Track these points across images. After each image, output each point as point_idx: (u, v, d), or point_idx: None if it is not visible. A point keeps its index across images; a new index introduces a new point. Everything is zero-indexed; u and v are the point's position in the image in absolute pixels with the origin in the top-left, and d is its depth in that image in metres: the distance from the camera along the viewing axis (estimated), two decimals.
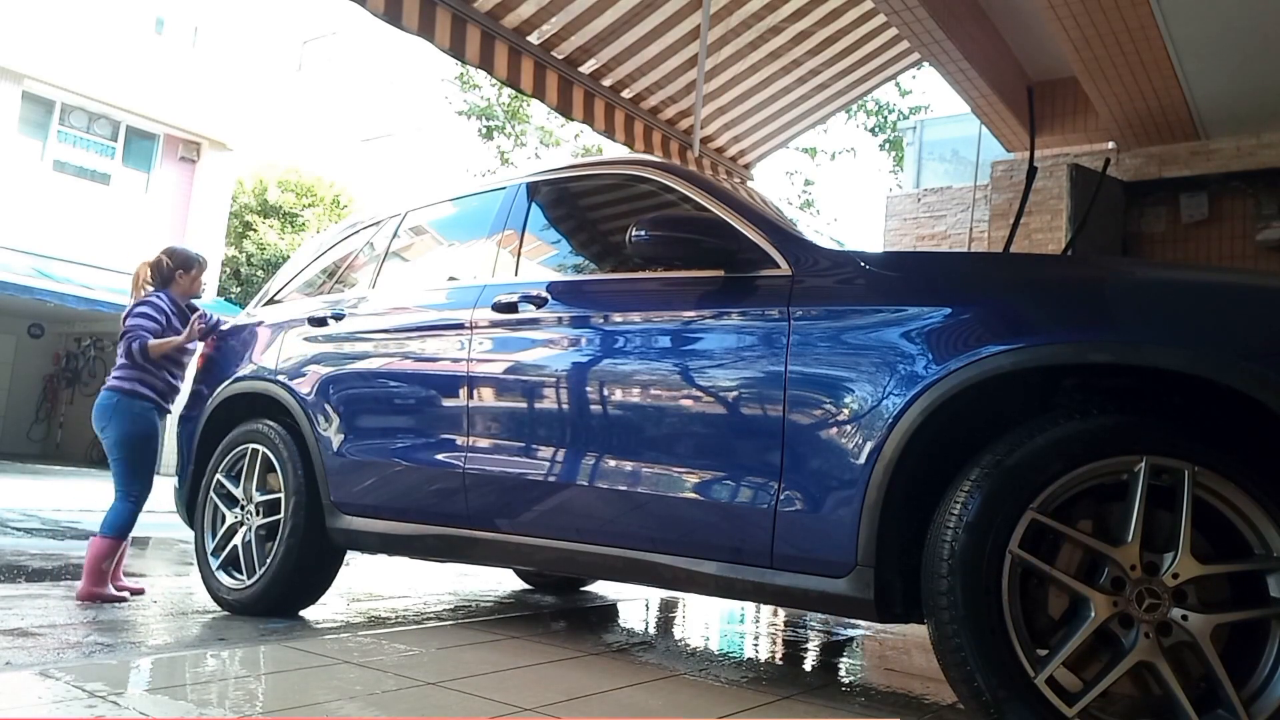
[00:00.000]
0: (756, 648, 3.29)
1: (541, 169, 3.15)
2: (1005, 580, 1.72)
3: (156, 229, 14.68)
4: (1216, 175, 6.40)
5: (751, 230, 2.37)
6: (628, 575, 2.43)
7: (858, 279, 2.18)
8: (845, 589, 1.97)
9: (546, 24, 5.76)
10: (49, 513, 6.83)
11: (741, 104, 7.25)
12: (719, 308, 2.33)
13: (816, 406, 2.07)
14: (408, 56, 30.81)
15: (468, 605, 3.81)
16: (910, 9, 5.15)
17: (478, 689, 2.17)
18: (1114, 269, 2.22)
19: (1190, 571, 1.66)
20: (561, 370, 2.62)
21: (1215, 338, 1.74)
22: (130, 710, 1.87)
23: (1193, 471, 1.68)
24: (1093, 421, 1.76)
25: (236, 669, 2.30)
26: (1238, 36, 5.03)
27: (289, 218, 19.80)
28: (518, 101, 15.58)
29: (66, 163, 14.09)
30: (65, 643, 2.71)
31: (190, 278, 3.96)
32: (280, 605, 3.21)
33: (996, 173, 7.40)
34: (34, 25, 13.26)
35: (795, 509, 2.06)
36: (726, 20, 6.26)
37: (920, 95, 23.90)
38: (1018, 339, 1.86)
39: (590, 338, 2.59)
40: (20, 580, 3.87)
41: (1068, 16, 4.83)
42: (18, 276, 12.00)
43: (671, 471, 2.30)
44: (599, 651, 2.78)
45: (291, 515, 3.16)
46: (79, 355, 15.86)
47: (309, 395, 3.25)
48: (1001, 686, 1.67)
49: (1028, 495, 1.73)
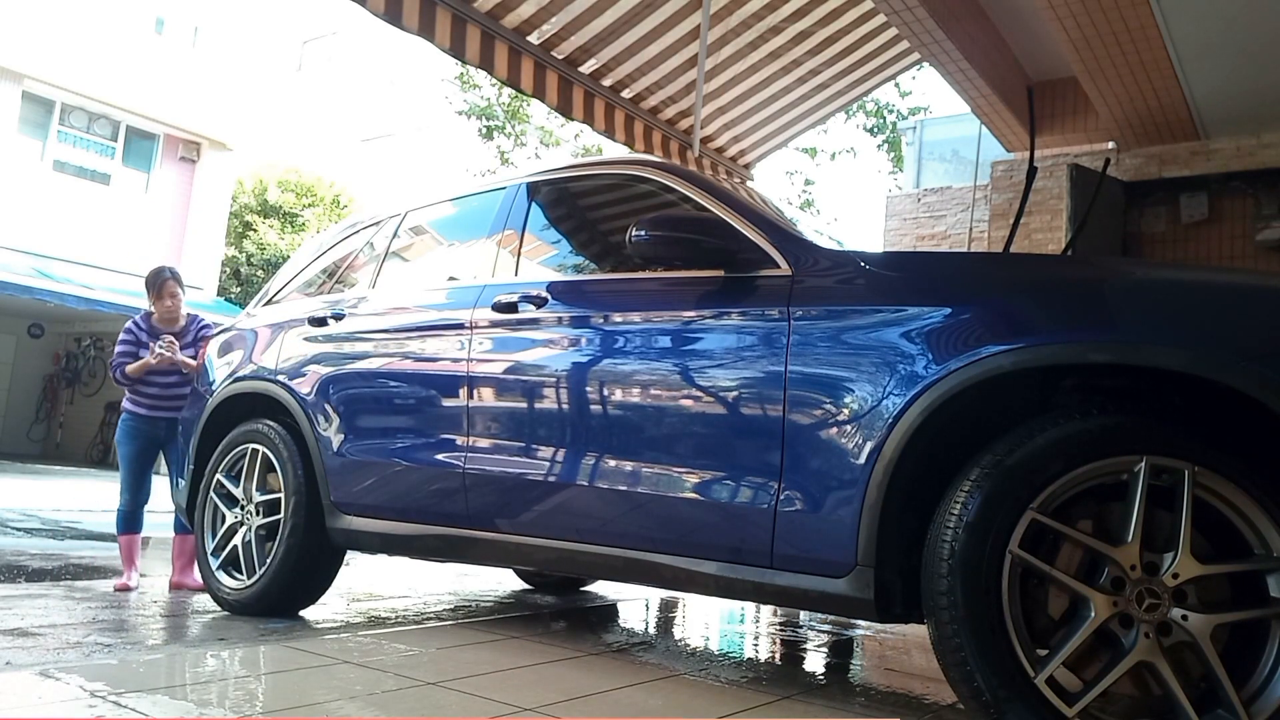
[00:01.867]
0: (756, 648, 3.29)
1: (541, 169, 3.15)
2: (1005, 580, 1.72)
3: (156, 229, 14.70)
4: (1216, 175, 6.39)
5: (751, 230, 2.37)
6: (628, 575, 2.43)
7: (858, 279, 2.18)
8: (845, 589, 1.97)
9: (546, 24, 5.76)
10: (49, 513, 6.83)
11: (741, 104, 7.25)
12: (719, 308, 2.33)
13: (816, 406, 2.07)
14: (408, 56, 30.78)
15: (468, 605, 3.81)
16: (910, 9, 5.14)
17: (478, 689, 2.17)
18: (1114, 269, 2.22)
19: (1190, 571, 1.66)
20: (561, 370, 2.62)
21: (1215, 338, 1.74)
22: (130, 710, 1.87)
23: (1193, 471, 1.68)
24: (1093, 421, 1.75)
25: (236, 669, 2.30)
26: (1238, 36, 5.03)
27: (289, 218, 19.80)
28: (518, 101, 15.57)
29: (66, 163, 14.09)
30: (65, 643, 2.71)
31: (154, 298, 4.29)
32: (280, 605, 3.21)
33: (996, 173, 7.40)
34: (34, 25, 13.26)
35: (795, 509, 2.06)
36: (726, 20, 6.26)
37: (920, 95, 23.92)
38: (1018, 339, 1.86)
39: (590, 338, 2.59)
40: (20, 580, 3.87)
41: (1068, 16, 4.83)
42: (18, 276, 12.00)
43: (671, 471, 2.30)
44: (599, 651, 2.78)
45: (291, 515, 3.16)
46: (79, 355, 15.86)
47: (309, 395, 3.25)
48: (1001, 686, 1.67)
49: (1028, 495, 1.73)
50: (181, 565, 4.09)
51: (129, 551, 4.09)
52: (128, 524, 4.13)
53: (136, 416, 4.17)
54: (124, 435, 4.19)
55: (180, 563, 4.09)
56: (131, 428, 4.17)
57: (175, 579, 4.10)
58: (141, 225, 14.54)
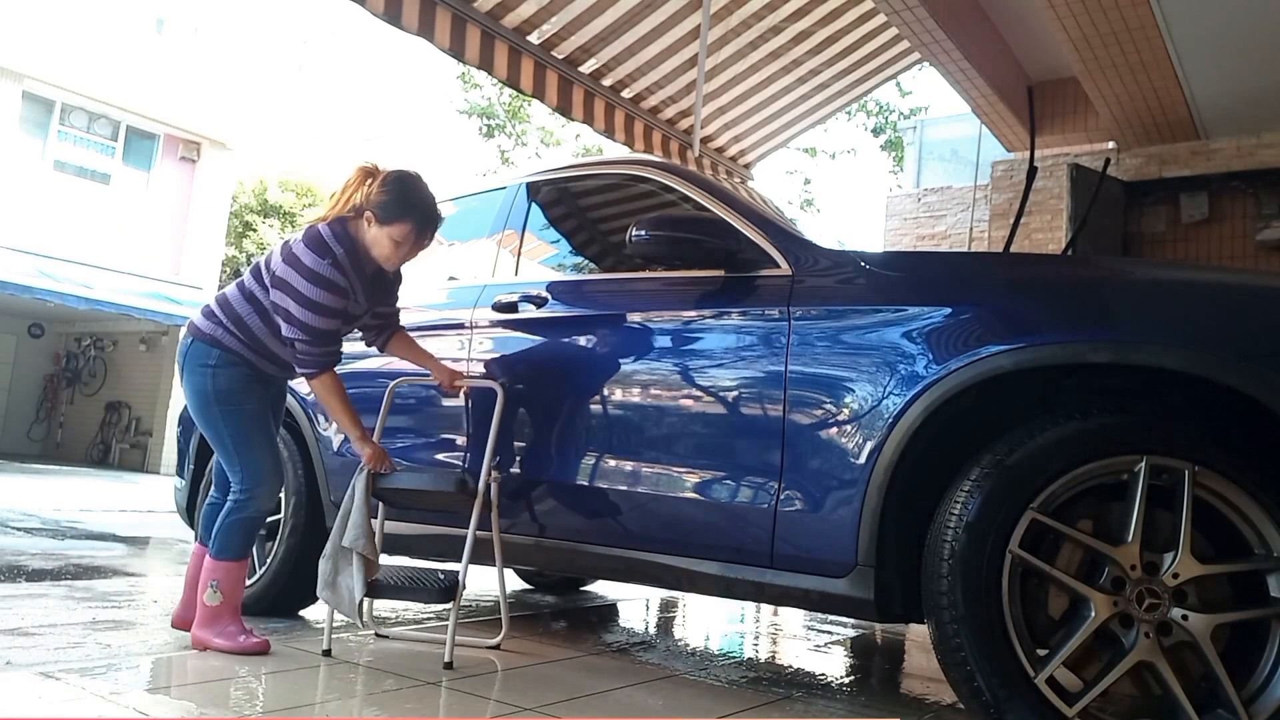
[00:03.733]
0: (756, 648, 3.29)
1: (542, 169, 3.15)
2: (1005, 580, 1.72)
3: (157, 229, 14.69)
4: (1216, 175, 6.39)
5: (752, 230, 2.37)
6: (628, 575, 2.43)
7: (858, 279, 2.18)
8: (845, 589, 1.97)
9: (546, 24, 5.76)
10: (49, 513, 6.83)
11: (741, 104, 7.25)
12: (719, 307, 2.33)
13: (817, 406, 2.07)
14: (408, 56, 30.81)
15: (467, 605, 3.81)
16: (910, 9, 5.14)
17: (477, 689, 2.17)
18: (1114, 269, 2.22)
19: (1190, 571, 1.67)
20: (561, 370, 2.62)
21: (1215, 338, 1.74)
22: (130, 710, 1.87)
23: (1193, 471, 1.68)
24: (1093, 421, 1.76)
25: (236, 669, 2.30)
26: (1238, 36, 5.03)
27: (289, 218, 19.79)
28: (518, 101, 15.58)
29: (66, 162, 14.08)
30: (65, 643, 2.71)
31: (422, 236, 2.63)
32: (280, 605, 3.21)
33: (996, 173, 7.40)
34: (34, 25, 13.25)
35: (795, 509, 2.06)
36: (726, 20, 6.26)
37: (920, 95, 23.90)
38: (1018, 339, 1.86)
39: (590, 338, 2.59)
40: (20, 580, 3.87)
41: (1068, 16, 4.83)
42: (18, 276, 11.99)
43: (672, 471, 2.30)
44: (599, 651, 2.78)
45: (292, 515, 3.16)
46: (79, 355, 15.86)
47: (309, 395, 3.25)
48: (1002, 686, 1.67)
49: (1028, 495, 1.73)
50: (189, 601, 2.70)
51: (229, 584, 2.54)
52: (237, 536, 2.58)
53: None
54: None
55: (189, 596, 2.71)
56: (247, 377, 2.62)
57: (179, 614, 2.75)
58: (141, 225, 14.53)
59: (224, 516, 2.55)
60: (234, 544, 2.53)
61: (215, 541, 2.54)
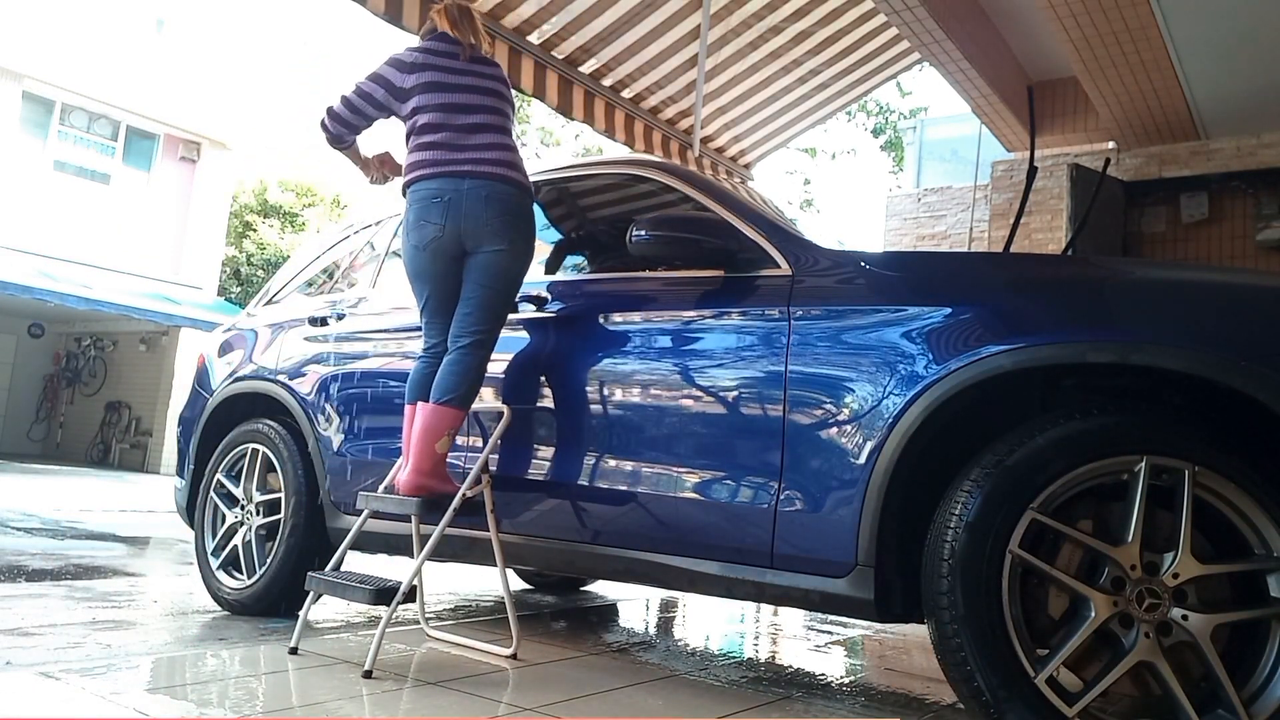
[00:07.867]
0: (756, 648, 3.29)
1: (541, 169, 3.15)
2: (1005, 580, 1.72)
3: (157, 229, 14.70)
4: (1216, 175, 6.40)
5: (752, 230, 2.38)
6: (628, 576, 2.43)
7: (858, 279, 2.18)
8: (845, 589, 1.97)
9: (546, 24, 5.76)
10: (49, 513, 6.83)
11: (741, 104, 7.25)
12: (719, 307, 2.33)
13: (817, 406, 2.07)
14: None
15: (467, 605, 3.81)
16: (910, 9, 5.15)
17: (478, 689, 2.17)
18: (1114, 269, 2.22)
19: (1190, 571, 1.67)
20: (561, 370, 2.62)
21: (1215, 338, 1.73)
22: (130, 710, 1.87)
23: (1193, 471, 1.68)
24: (1093, 421, 1.75)
25: (236, 669, 2.30)
26: (1238, 36, 5.03)
27: (289, 218, 19.79)
28: (518, 101, 15.57)
29: (66, 162, 14.08)
30: (65, 643, 2.71)
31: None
32: (280, 605, 3.20)
33: (996, 173, 7.40)
34: (34, 25, 13.26)
35: (795, 509, 2.06)
36: (726, 20, 6.26)
37: (920, 95, 23.91)
38: (1018, 339, 1.86)
39: (590, 337, 2.59)
40: (20, 580, 3.87)
41: (1068, 16, 4.83)
42: (18, 276, 11.99)
43: (672, 471, 2.30)
44: (599, 651, 2.78)
45: (292, 515, 3.16)
46: (79, 355, 15.86)
47: (309, 395, 3.25)
48: (1002, 686, 1.67)
49: (1028, 495, 1.73)
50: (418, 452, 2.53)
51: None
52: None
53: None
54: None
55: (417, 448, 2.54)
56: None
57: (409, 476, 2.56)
58: (142, 225, 14.54)
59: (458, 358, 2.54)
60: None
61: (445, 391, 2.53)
